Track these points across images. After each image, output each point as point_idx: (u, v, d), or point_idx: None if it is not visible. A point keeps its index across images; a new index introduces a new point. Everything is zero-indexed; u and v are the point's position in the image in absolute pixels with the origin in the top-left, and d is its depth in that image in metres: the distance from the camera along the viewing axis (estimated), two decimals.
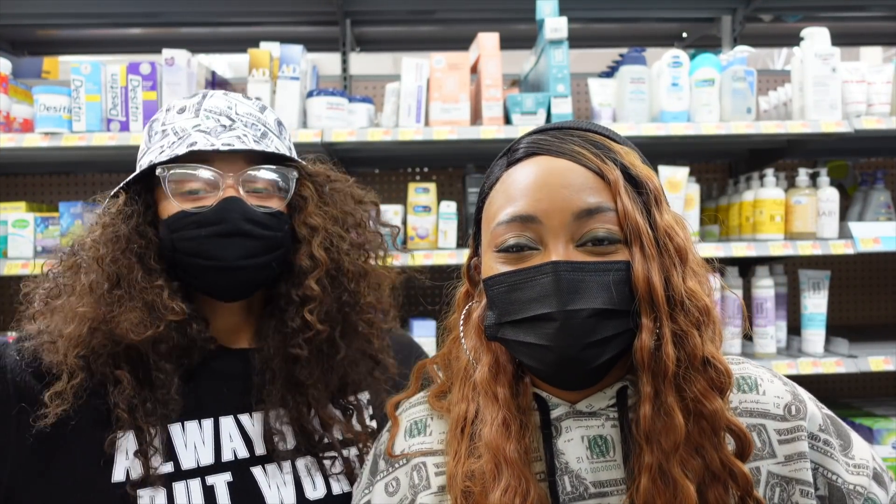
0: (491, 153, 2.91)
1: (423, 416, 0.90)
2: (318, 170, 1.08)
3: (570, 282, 0.71)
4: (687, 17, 3.14)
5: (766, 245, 2.25)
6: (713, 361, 0.74)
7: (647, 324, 0.72)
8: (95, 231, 0.97)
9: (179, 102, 1.03)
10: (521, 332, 0.74)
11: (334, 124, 2.26)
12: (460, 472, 0.78)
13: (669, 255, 0.74)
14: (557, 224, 0.73)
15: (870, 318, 3.03)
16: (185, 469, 0.95)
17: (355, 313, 1.05)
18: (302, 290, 0.99)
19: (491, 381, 0.80)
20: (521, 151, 0.80)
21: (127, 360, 0.94)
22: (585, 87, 2.58)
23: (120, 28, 3.20)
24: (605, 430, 0.79)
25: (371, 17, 2.99)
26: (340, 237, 1.03)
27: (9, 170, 2.85)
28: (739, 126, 2.24)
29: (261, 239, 0.96)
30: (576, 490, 0.78)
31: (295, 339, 0.99)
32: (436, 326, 2.31)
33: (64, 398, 0.90)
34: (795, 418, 0.81)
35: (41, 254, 2.30)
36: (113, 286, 0.93)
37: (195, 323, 0.98)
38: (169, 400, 0.94)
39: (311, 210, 1.02)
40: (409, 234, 2.34)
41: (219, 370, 1.03)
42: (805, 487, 0.78)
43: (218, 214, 0.94)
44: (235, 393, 1.02)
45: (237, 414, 1.01)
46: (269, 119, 1.05)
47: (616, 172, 0.74)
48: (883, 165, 3.04)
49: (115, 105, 2.22)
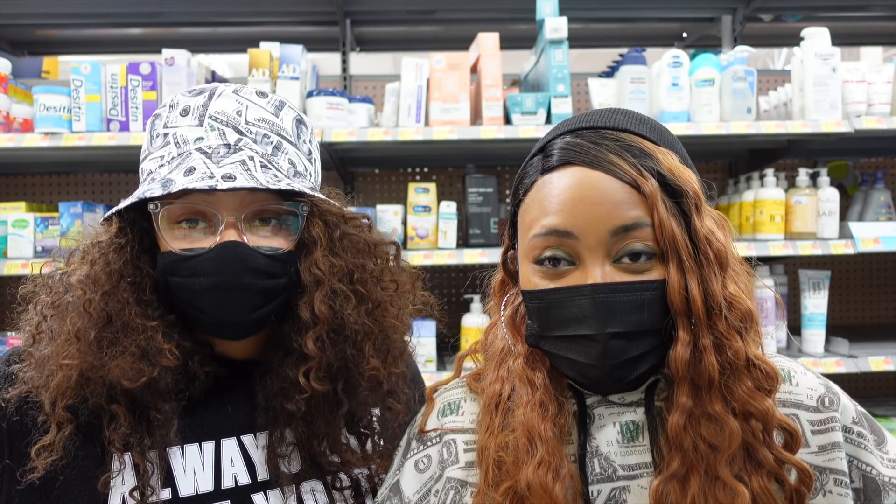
0: (491, 153, 2.92)
1: (457, 398, 0.91)
2: (333, 207, 0.96)
3: (607, 304, 0.72)
4: (687, 17, 3.14)
5: (767, 245, 2.25)
6: (758, 363, 0.75)
7: (682, 337, 0.73)
8: (83, 269, 0.89)
9: (184, 100, 0.92)
10: (561, 348, 0.77)
11: (334, 124, 2.26)
12: (493, 443, 0.80)
13: (709, 262, 0.74)
14: (594, 241, 0.73)
15: (870, 318, 3.03)
16: (184, 497, 0.90)
17: (359, 372, 0.95)
18: (300, 346, 0.91)
19: (528, 368, 0.82)
20: (555, 158, 0.78)
21: (123, 395, 0.86)
22: (585, 87, 2.58)
23: (120, 28, 3.20)
24: (637, 417, 0.81)
25: (371, 17, 2.99)
26: (346, 296, 0.92)
27: (9, 170, 2.85)
28: (739, 126, 2.24)
29: (262, 292, 0.88)
30: (605, 472, 0.79)
31: (292, 393, 0.91)
32: (436, 327, 2.32)
33: (53, 450, 0.84)
34: (829, 409, 0.81)
35: (41, 254, 2.30)
36: (102, 328, 0.85)
37: (196, 356, 0.91)
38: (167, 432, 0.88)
39: (317, 257, 0.92)
40: (409, 234, 2.34)
41: (223, 388, 0.96)
42: (839, 476, 0.79)
43: (215, 264, 0.85)
44: (240, 412, 0.96)
45: (240, 435, 0.95)
46: (285, 122, 0.93)
47: (652, 183, 0.73)
48: (883, 165, 3.04)
49: (115, 105, 2.21)
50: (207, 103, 0.91)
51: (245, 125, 0.90)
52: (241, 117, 0.90)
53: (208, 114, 0.90)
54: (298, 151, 0.95)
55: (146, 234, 0.91)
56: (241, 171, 0.85)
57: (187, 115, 0.90)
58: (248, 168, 0.86)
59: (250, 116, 0.91)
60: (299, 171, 0.94)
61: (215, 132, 0.89)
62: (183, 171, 0.85)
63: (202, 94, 0.92)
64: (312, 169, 0.98)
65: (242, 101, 0.92)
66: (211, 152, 0.87)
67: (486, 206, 2.37)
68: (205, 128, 0.89)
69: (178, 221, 0.88)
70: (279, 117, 0.93)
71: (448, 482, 0.85)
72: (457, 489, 0.84)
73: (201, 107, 0.90)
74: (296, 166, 0.94)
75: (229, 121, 0.90)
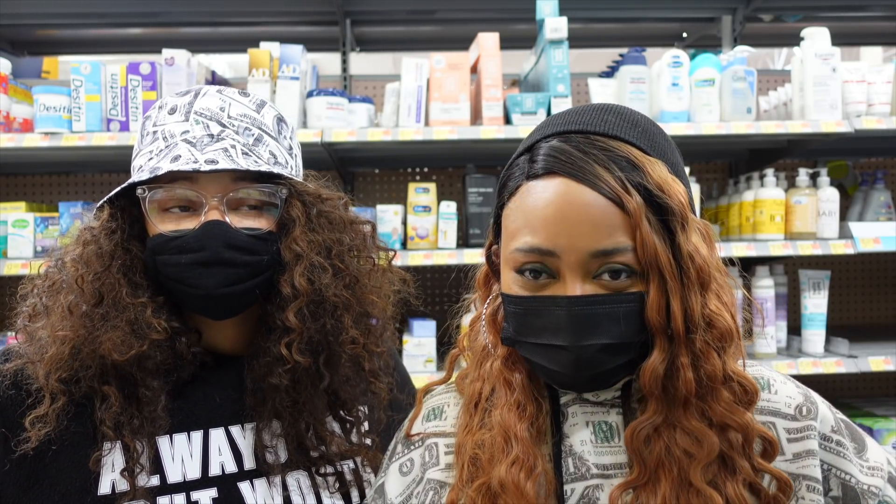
0: (491, 153, 2.92)
1: (441, 403, 0.93)
2: (309, 188, 1.01)
3: (582, 317, 0.73)
4: (687, 17, 3.14)
5: (767, 245, 2.25)
6: (736, 378, 0.76)
7: (657, 355, 0.73)
8: (76, 249, 0.94)
9: (172, 100, 0.98)
10: (535, 354, 0.78)
11: (334, 124, 2.26)
12: (470, 441, 0.81)
13: (690, 280, 0.73)
14: (574, 260, 0.73)
15: (870, 318, 3.04)
16: (171, 483, 0.93)
17: (339, 344, 1.00)
18: (282, 321, 0.95)
19: (506, 369, 0.83)
20: (540, 164, 0.77)
21: (114, 376, 0.91)
22: (585, 87, 2.58)
23: (120, 28, 3.20)
24: (611, 418, 0.82)
25: (371, 17, 2.99)
26: (323, 268, 0.97)
27: (9, 170, 2.85)
28: (739, 126, 2.24)
29: (244, 266, 0.93)
30: (578, 471, 0.80)
31: (276, 367, 0.95)
32: (436, 327, 2.32)
33: (46, 421, 0.88)
34: (806, 418, 0.82)
35: (41, 254, 2.30)
36: (94, 305, 0.90)
37: (184, 337, 0.95)
38: (157, 416, 0.92)
39: (296, 234, 0.97)
40: (409, 234, 2.34)
41: (211, 378, 1.00)
42: (811, 483, 0.79)
43: (199, 241, 0.90)
44: (228, 402, 1.00)
45: (228, 425, 0.99)
46: (266, 118, 0.99)
47: (637, 201, 0.72)
48: (883, 165, 3.04)
49: (114, 105, 2.22)
50: (193, 101, 0.97)
51: (228, 119, 0.96)
52: (224, 112, 0.96)
53: (194, 110, 0.96)
54: (279, 145, 1.00)
55: (136, 221, 0.96)
56: (224, 157, 0.91)
57: (175, 113, 0.96)
58: (230, 154, 0.92)
59: (233, 112, 0.97)
60: (279, 162, 0.99)
61: (200, 125, 0.95)
62: (169, 159, 0.91)
63: (188, 94, 0.98)
64: (293, 163, 1.03)
65: (226, 98, 0.98)
66: (195, 142, 0.93)
67: (486, 206, 2.37)
68: (190, 122, 0.95)
69: (165, 208, 0.93)
70: (260, 114, 0.99)
71: (428, 483, 0.86)
72: (436, 490, 0.85)
73: (187, 104, 0.96)
74: (276, 157, 0.99)
75: (213, 115, 0.96)
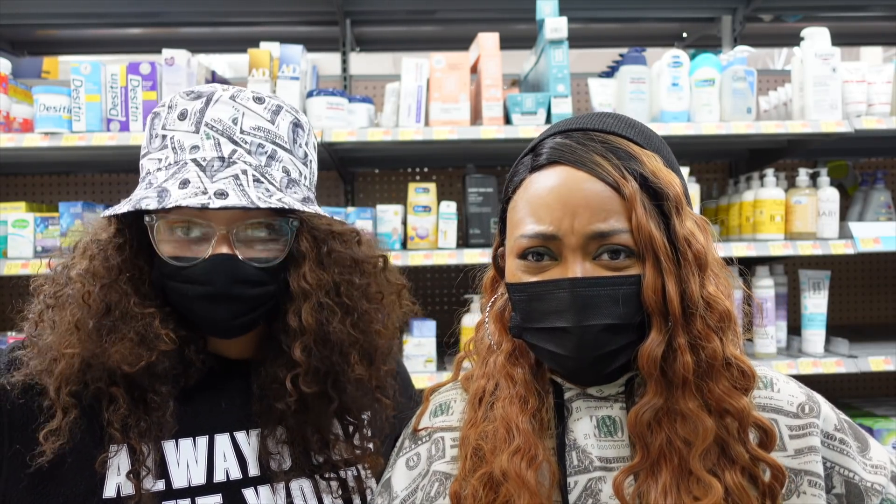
0: (491, 153, 2.92)
1: (448, 399, 0.95)
2: (321, 223, 0.99)
3: (584, 298, 0.75)
4: (687, 17, 3.14)
5: (766, 245, 2.25)
6: (735, 362, 0.77)
7: (654, 335, 0.75)
8: (82, 263, 0.93)
9: (182, 102, 0.93)
10: (541, 339, 0.80)
11: (334, 124, 2.26)
12: (473, 433, 0.84)
13: (688, 262, 0.76)
14: (574, 242, 0.77)
15: (870, 318, 3.04)
16: (177, 488, 0.93)
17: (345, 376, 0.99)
18: (289, 351, 0.95)
19: (509, 364, 0.86)
20: (543, 157, 0.81)
21: (123, 378, 0.91)
22: (585, 87, 2.58)
23: (120, 28, 3.20)
24: (614, 412, 0.83)
25: (371, 17, 2.99)
26: (332, 309, 0.96)
27: (9, 170, 2.85)
28: (739, 126, 2.24)
29: (251, 300, 0.92)
30: (581, 463, 0.82)
31: (282, 394, 0.95)
32: (436, 327, 2.32)
33: (60, 434, 0.88)
34: (808, 416, 0.83)
35: (41, 254, 2.30)
36: (102, 317, 0.89)
37: (192, 345, 0.95)
38: (164, 421, 0.92)
39: (305, 270, 0.95)
40: (408, 234, 2.34)
41: (218, 384, 1.00)
42: (813, 478, 0.80)
43: (207, 275, 0.89)
44: (234, 408, 1.00)
45: (234, 431, 0.99)
46: (281, 127, 0.95)
47: (633, 185, 0.76)
48: (883, 165, 3.04)
49: (114, 105, 2.21)
50: (204, 109, 0.92)
51: (240, 135, 0.92)
52: (237, 126, 0.92)
53: (205, 121, 0.92)
54: (293, 157, 0.97)
55: (144, 233, 0.94)
56: (234, 187, 0.88)
57: (184, 120, 0.92)
58: (240, 183, 0.89)
59: (246, 125, 0.92)
60: (293, 179, 0.96)
61: (211, 141, 0.91)
62: (178, 183, 0.88)
63: (200, 98, 0.93)
64: (307, 171, 1.01)
65: (239, 107, 0.93)
66: (206, 165, 0.90)
67: (486, 206, 2.37)
68: (201, 135, 0.91)
69: (171, 241, 0.92)
70: (275, 124, 0.95)
71: (434, 475, 0.88)
72: (441, 481, 0.87)
73: (198, 112, 0.92)
74: (290, 174, 0.96)
75: (224, 130, 0.91)
